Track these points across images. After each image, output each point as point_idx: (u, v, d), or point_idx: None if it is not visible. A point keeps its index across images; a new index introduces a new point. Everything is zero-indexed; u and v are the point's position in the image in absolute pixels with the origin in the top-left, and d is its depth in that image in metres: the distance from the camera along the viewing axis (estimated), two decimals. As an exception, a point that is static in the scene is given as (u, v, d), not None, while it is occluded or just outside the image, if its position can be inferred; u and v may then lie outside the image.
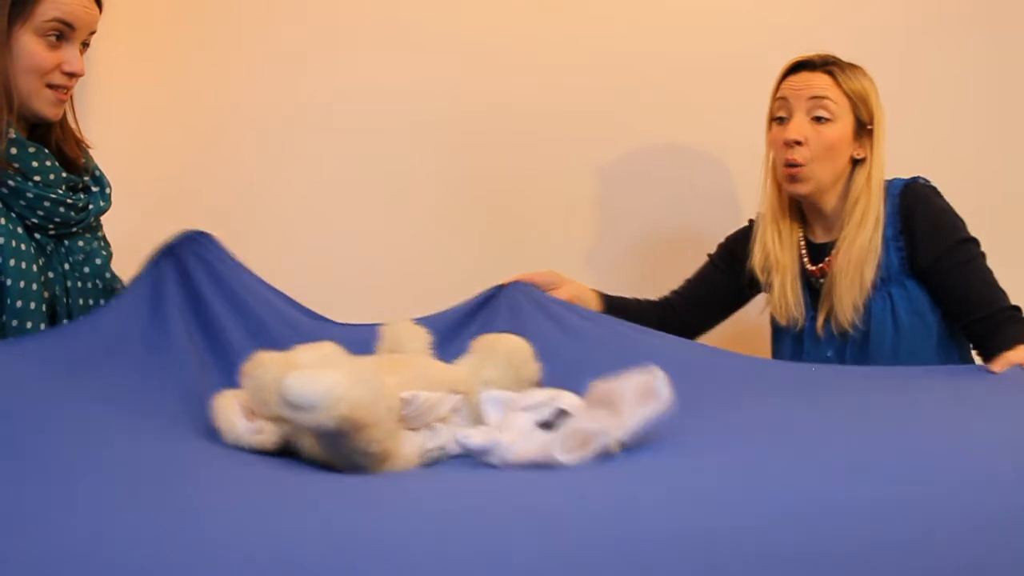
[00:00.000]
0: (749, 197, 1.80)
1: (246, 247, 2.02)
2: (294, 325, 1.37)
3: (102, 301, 1.37)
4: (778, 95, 1.58)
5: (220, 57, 2.07)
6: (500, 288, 1.52)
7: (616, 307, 1.65)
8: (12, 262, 1.25)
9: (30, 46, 1.26)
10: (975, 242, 1.53)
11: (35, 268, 1.28)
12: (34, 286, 1.27)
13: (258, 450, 1.05)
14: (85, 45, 1.33)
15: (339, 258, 2.07)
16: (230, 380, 1.18)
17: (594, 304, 1.63)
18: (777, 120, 1.58)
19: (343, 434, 0.93)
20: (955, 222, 1.54)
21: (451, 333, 1.40)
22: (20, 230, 1.28)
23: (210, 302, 1.35)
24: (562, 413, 0.95)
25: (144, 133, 2.06)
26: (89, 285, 1.36)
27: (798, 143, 1.53)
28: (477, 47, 2.07)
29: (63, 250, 1.34)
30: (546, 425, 0.95)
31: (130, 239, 1.54)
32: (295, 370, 0.99)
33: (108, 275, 1.40)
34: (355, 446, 0.95)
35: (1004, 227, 1.59)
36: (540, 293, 1.52)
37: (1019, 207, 2.06)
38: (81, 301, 1.35)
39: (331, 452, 0.97)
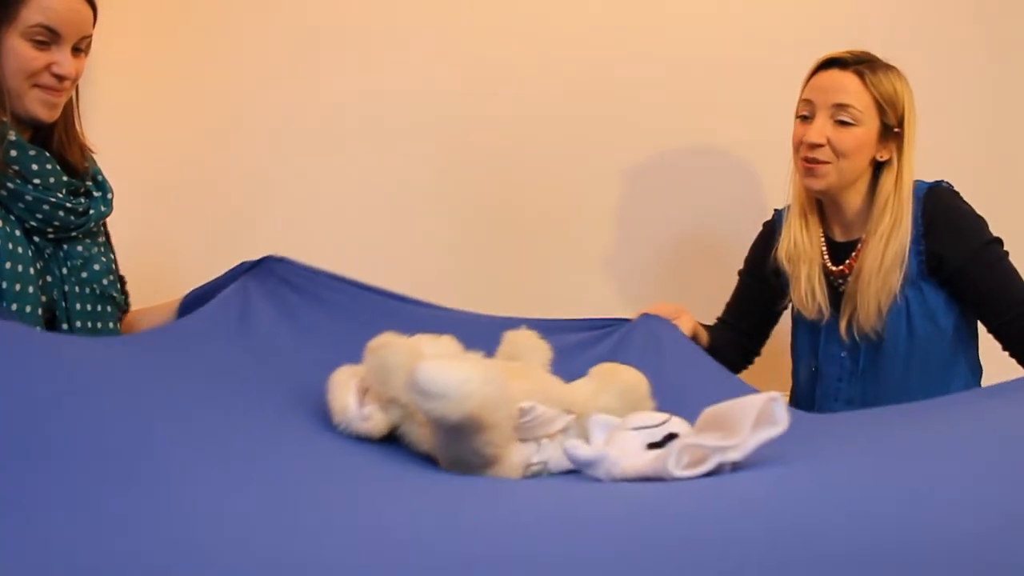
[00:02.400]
0: (769, 197, 1.79)
1: (248, 249, 1.96)
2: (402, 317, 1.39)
3: (100, 307, 1.38)
4: (804, 94, 1.58)
5: (223, 61, 2.09)
6: (626, 321, 1.56)
7: (714, 337, 1.71)
8: (8, 265, 1.24)
9: (18, 48, 1.25)
10: (999, 242, 1.53)
11: (32, 271, 1.27)
12: (30, 289, 1.26)
13: (364, 437, 1.07)
14: (78, 50, 1.32)
15: (344, 259, 1.97)
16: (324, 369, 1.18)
17: (704, 334, 1.68)
18: (801, 118, 1.58)
19: (464, 430, 0.96)
20: (980, 225, 1.54)
21: (562, 335, 1.43)
22: (18, 233, 1.27)
23: (299, 311, 1.39)
24: (671, 436, 0.98)
25: (147, 136, 2.08)
26: (87, 290, 1.36)
27: (819, 145, 1.53)
28: (485, 48, 2.08)
29: (61, 254, 1.34)
30: (655, 446, 0.97)
31: (133, 242, 1.58)
32: (420, 357, 1.01)
33: (106, 281, 1.39)
34: (471, 445, 0.98)
35: (1005, 229, 1.57)
36: (664, 329, 1.54)
37: (1014, 208, 2.02)
38: (79, 306, 1.34)
39: (444, 445, 1.01)
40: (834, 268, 1.62)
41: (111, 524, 0.68)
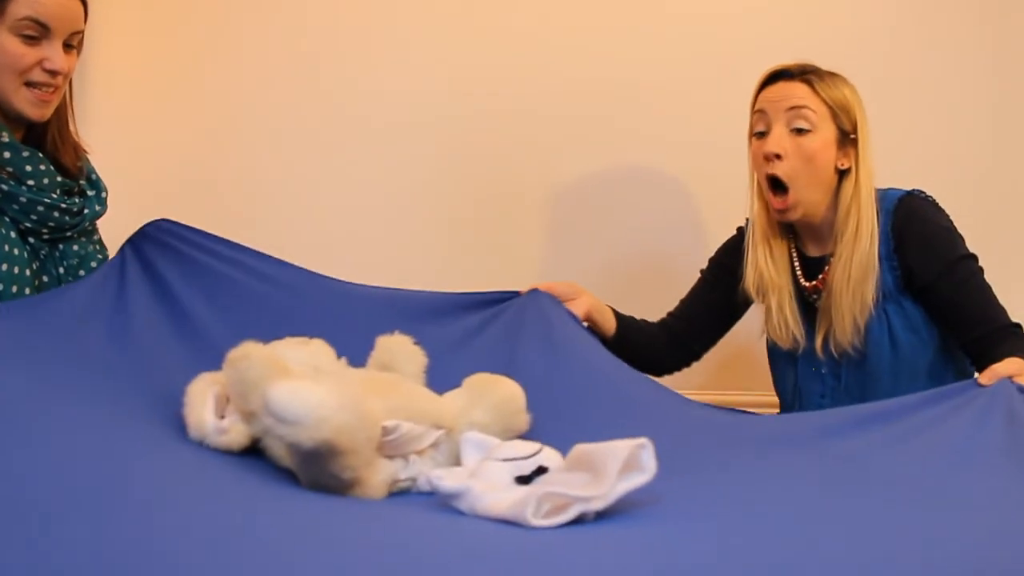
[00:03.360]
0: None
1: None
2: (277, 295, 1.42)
3: None
4: (756, 108, 1.54)
5: (223, 61, 2.08)
6: (516, 294, 1.51)
7: (628, 326, 1.64)
8: (4, 267, 1.24)
9: (6, 43, 1.23)
10: (973, 258, 1.50)
11: (28, 272, 1.27)
12: (27, 291, 1.26)
13: (224, 450, 1.03)
14: (70, 47, 1.30)
15: (343, 259, 2.02)
16: (197, 361, 1.17)
17: (609, 319, 1.61)
18: (757, 135, 1.54)
19: (319, 455, 0.91)
20: (951, 239, 1.50)
21: (450, 317, 1.42)
22: (14, 234, 1.27)
23: (177, 289, 1.35)
24: (541, 470, 0.94)
25: (147, 136, 2.07)
26: None
27: (778, 156, 1.49)
28: (484, 47, 2.07)
29: (57, 254, 1.33)
30: (523, 480, 0.93)
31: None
32: (280, 373, 0.98)
33: None
34: (328, 469, 0.93)
35: (999, 235, 1.57)
36: (553, 309, 1.48)
37: (1015, 214, 2.07)
38: None
39: (301, 469, 0.96)
40: (807, 284, 1.57)
41: None
